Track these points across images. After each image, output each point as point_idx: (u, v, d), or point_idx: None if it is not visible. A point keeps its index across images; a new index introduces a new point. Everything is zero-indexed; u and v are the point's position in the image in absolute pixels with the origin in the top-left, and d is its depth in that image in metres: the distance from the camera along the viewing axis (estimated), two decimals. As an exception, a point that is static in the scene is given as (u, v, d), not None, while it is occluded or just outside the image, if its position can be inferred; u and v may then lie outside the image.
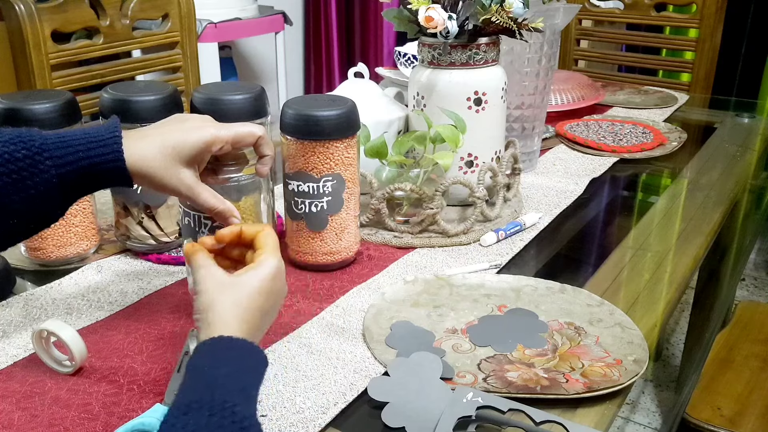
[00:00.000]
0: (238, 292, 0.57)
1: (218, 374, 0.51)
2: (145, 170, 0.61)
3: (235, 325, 0.55)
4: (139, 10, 1.45)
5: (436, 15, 0.89)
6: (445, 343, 0.71)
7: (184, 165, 0.63)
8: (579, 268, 0.93)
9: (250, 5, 2.38)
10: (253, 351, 0.55)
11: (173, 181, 0.62)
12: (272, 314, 0.60)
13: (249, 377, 0.53)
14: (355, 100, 0.82)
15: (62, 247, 0.84)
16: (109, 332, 0.72)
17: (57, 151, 0.59)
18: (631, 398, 1.89)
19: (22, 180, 0.58)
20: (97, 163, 0.59)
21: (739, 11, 2.45)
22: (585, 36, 2.09)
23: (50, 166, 0.58)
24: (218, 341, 0.54)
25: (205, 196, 0.64)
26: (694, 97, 1.78)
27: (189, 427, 0.46)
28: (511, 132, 1.14)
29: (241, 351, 0.54)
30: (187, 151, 0.62)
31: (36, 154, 0.58)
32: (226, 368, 0.52)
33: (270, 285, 0.58)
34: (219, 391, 0.49)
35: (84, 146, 0.59)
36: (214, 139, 0.64)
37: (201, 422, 0.47)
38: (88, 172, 0.60)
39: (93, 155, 0.59)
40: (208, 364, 0.52)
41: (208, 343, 0.54)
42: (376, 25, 2.91)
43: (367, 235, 0.93)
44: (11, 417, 0.60)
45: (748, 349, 1.38)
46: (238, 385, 0.51)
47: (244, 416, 0.48)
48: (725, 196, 1.11)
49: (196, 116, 0.66)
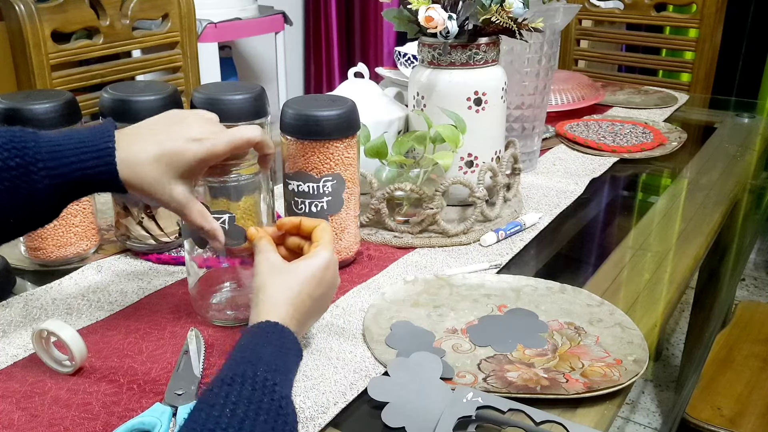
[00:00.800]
0: (290, 278, 0.61)
1: (263, 352, 0.54)
2: (138, 183, 0.61)
3: (282, 307, 0.59)
4: (139, 10, 1.45)
5: (436, 15, 0.89)
6: (445, 343, 0.71)
7: (178, 179, 0.62)
8: (579, 268, 0.93)
9: (250, 5, 2.38)
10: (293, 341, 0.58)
11: (165, 196, 0.62)
12: (322, 302, 0.65)
13: (290, 361, 0.56)
14: (355, 100, 0.82)
15: (62, 247, 0.84)
16: (109, 332, 0.72)
17: (51, 161, 0.58)
18: (631, 398, 1.89)
19: (15, 188, 0.58)
20: (90, 175, 0.59)
21: (739, 11, 2.45)
22: (585, 36, 2.09)
23: (44, 176, 0.58)
24: (265, 325, 0.57)
25: (194, 215, 0.65)
26: (694, 97, 1.78)
27: (231, 397, 0.48)
28: (511, 132, 1.14)
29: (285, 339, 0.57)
30: (182, 167, 0.62)
31: (30, 164, 0.58)
32: (270, 348, 0.55)
33: (322, 274, 0.63)
34: (262, 368, 0.52)
35: (77, 156, 0.59)
36: (210, 156, 0.63)
37: (243, 394, 0.49)
38: (81, 182, 0.60)
39: (86, 167, 0.59)
40: (255, 343, 0.55)
41: (256, 325, 0.57)
42: (376, 25, 2.91)
43: (367, 235, 0.93)
44: (11, 417, 0.60)
45: (748, 349, 1.38)
46: (281, 365, 0.54)
47: (282, 396, 0.51)
48: (725, 196, 1.11)
49: (196, 118, 0.65)
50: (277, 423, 0.49)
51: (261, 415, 0.48)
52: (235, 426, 0.46)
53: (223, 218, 0.70)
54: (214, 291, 0.77)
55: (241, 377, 0.50)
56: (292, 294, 0.61)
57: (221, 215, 0.70)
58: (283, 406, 0.50)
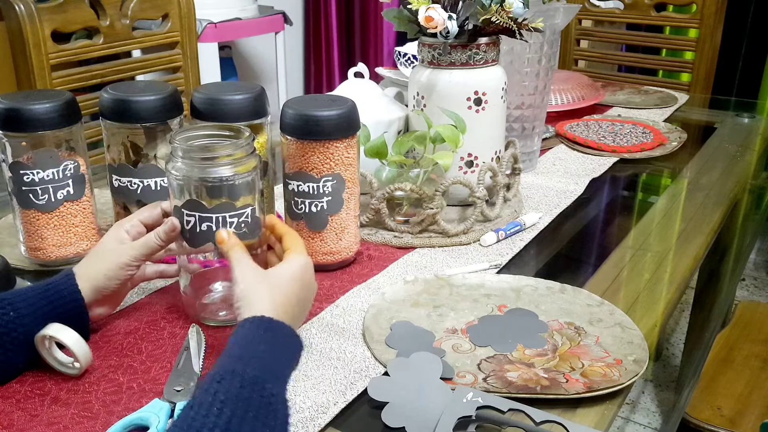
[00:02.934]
0: (274, 281, 0.64)
1: (255, 350, 0.55)
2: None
3: (272, 309, 0.61)
4: (139, 10, 1.45)
5: (436, 15, 0.89)
6: (445, 343, 0.71)
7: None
8: (579, 268, 0.93)
9: (250, 5, 2.38)
10: (290, 334, 0.60)
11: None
12: (306, 305, 0.67)
13: (283, 357, 0.57)
14: (355, 100, 0.82)
15: (62, 247, 0.84)
16: (109, 332, 0.72)
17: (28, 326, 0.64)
18: (631, 398, 1.89)
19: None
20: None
21: (739, 11, 2.45)
22: (585, 36, 2.09)
23: (21, 333, 0.64)
24: (259, 320, 0.58)
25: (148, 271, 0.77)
26: (694, 97, 1.78)
27: (219, 395, 0.49)
28: (511, 132, 1.14)
29: (279, 332, 0.59)
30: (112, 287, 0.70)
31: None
32: (263, 346, 0.56)
33: (302, 276, 0.65)
34: (252, 366, 0.53)
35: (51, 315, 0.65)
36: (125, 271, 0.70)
37: (231, 392, 0.50)
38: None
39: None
40: (248, 340, 0.56)
41: (250, 320, 0.58)
42: (376, 25, 2.91)
43: (367, 235, 0.93)
44: (11, 417, 0.60)
45: (748, 349, 1.38)
46: (272, 363, 0.55)
47: (272, 394, 0.52)
48: (725, 196, 1.11)
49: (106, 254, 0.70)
50: (267, 419, 0.50)
51: (250, 412, 0.49)
52: (221, 424, 0.47)
53: (246, 212, 0.70)
54: (206, 292, 0.76)
55: (230, 375, 0.51)
56: (278, 296, 0.62)
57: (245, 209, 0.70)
58: (272, 402, 0.51)
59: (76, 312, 0.67)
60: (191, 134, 0.72)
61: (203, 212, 0.68)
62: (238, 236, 0.69)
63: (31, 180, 0.79)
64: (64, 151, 0.81)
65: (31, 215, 0.81)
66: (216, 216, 0.68)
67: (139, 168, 0.84)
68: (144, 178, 0.84)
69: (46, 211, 0.81)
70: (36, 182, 0.79)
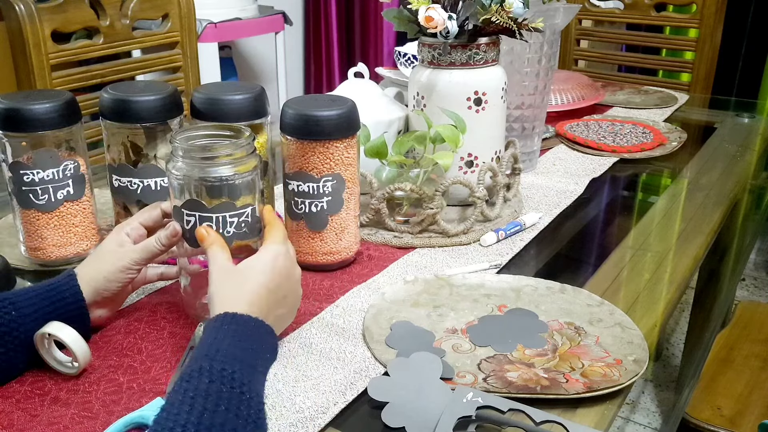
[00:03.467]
0: (240, 277, 0.64)
1: (220, 346, 0.55)
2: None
3: (237, 305, 0.61)
4: (139, 10, 1.45)
5: (436, 15, 0.89)
6: (445, 343, 0.71)
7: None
8: (579, 268, 0.93)
9: (250, 5, 2.38)
10: (256, 324, 0.60)
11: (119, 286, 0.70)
12: (284, 293, 0.66)
13: (250, 348, 0.57)
14: (355, 100, 0.82)
15: (62, 247, 0.84)
16: (109, 332, 0.72)
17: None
18: (631, 398, 1.89)
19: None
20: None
21: (739, 11, 2.45)
22: (585, 36, 2.09)
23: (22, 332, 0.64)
24: (222, 317, 0.59)
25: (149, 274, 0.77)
26: (694, 97, 1.78)
27: (189, 393, 0.50)
28: (511, 132, 1.14)
29: (243, 325, 0.59)
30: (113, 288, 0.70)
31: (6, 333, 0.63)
32: (228, 340, 0.56)
33: (272, 264, 0.65)
34: (218, 360, 0.54)
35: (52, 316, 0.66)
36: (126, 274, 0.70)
37: (200, 388, 0.50)
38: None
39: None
40: (212, 338, 0.56)
41: (214, 320, 0.59)
42: (376, 25, 2.91)
43: (367, 235, 0.93)
44: (11, 417, 0.60)
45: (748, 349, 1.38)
46: (240, 354, 0.55)
47: (243, 382, 0.53)
48: (725, 196, 1.11)
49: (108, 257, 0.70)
50: (240, 410, 0.50)
51: (221, 405, 0.50)
52: (193, 420, 0.48)
53: (246, 212, 0.70)
54: (206, 292, 0.76)
55: (198, 372, 0.52)
56: (243, 292, 0.63)
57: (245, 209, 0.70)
58: (244, 392, 0.52)
59: (78, 313, 0.67)
60: (191, 134, 0.72)
61: (203, 212, 0.68)
62: (239, 236, 0.69)
63: (31, 180, 0.79)
64: (64, 151, 0.81)
65: (31, 215, 0.81)
66: (216, 216, 0.68)
67: (139, 168, 0.84)
68: (144, 178, 0.84)
69: (46, 211, 0.81)
70: (36, 182, 0.79)
